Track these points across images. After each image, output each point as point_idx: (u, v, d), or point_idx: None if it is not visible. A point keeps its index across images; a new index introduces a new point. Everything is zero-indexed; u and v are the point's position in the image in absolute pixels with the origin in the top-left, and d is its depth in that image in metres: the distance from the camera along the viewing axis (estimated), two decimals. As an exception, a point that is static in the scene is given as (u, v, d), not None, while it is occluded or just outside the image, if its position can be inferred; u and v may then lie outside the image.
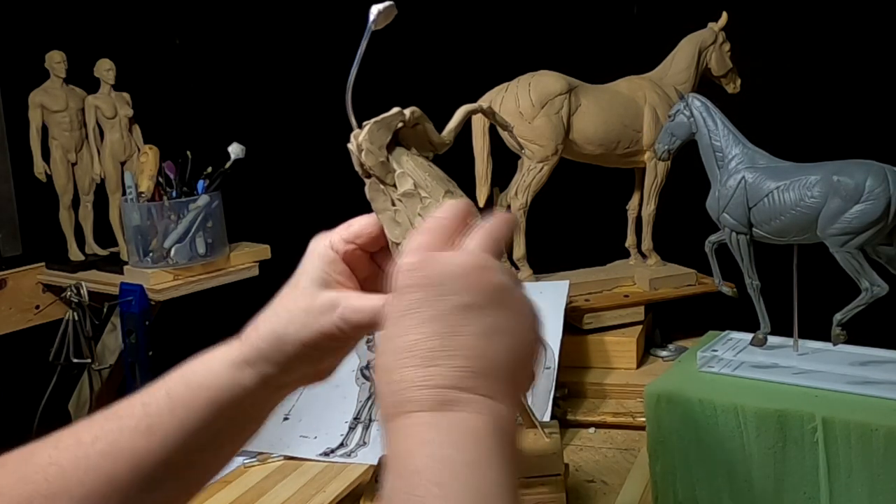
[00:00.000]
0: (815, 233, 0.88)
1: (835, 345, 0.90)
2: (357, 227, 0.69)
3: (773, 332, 0.95)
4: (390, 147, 0.73)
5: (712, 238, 0.98)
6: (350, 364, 1.25)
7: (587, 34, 1.87)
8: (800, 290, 0.92)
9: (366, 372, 1.19)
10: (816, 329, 0.94)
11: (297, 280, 0.67)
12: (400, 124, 0.73)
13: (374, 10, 0.75)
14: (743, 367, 0.91)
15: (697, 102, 0.99)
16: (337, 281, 0.66)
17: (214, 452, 0.65)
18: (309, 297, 0.65)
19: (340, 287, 0.66)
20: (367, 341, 0.82)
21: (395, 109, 0.72)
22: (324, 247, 0.67)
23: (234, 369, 0.64)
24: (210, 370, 0.64)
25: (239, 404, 0.64)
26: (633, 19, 1.84)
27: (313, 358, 0.66)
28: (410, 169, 0.73)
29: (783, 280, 0.96)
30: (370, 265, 0.70)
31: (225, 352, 0.65)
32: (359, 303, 0.64)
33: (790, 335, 0.94)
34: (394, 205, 0.70)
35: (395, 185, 0.70)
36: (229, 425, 0.65)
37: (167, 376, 0.65)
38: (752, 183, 0.91)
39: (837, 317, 0.88)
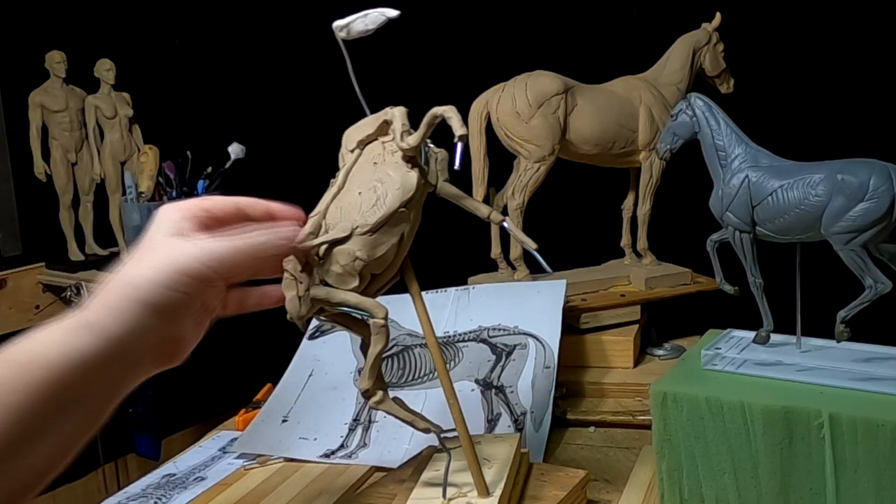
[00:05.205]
0: (818, 231, 0.88)
1: (838, 342, 0.90)
2: (212, 200, 0.71)
3: (775, 330, 0.95)
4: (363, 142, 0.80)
5: (714, 237, 0.98)
6: (349, 365, 1.25)
7: (588, 35, 1.88)
8: (802, 287, 0.93)
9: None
10: (817, 327, 0.94)
11: (148, 239, 0.66)
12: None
13: (336, 25, 0.77)
14: (747, 364, 0.91)
15: (700, 102, 1.00)
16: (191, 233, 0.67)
17: (54, 436, 0.58)
18: (164, 243, 0.65)
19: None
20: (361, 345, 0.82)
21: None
22: (175, 209, 0.68)
23: (69, 335, 0.59)
24: (40, 341, 0.58)
25: (80, 378, 0.58)
26: (633, 20, 1.84)
27: (165, 314, 0.63)
28: (349, 163, 0.78)
29: (783, 278, 0.96)
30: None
31: (61, 320, 0.60)
32: (212, 242, 0.66)
33: (791, 333, 0.94)
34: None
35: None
36: (69, 404, 0.58)
37: None
38: (756, 182, 0.92)
39: (841, 314, 0.89)
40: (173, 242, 0.65)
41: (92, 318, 0.60)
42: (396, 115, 0.76)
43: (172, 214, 0.68)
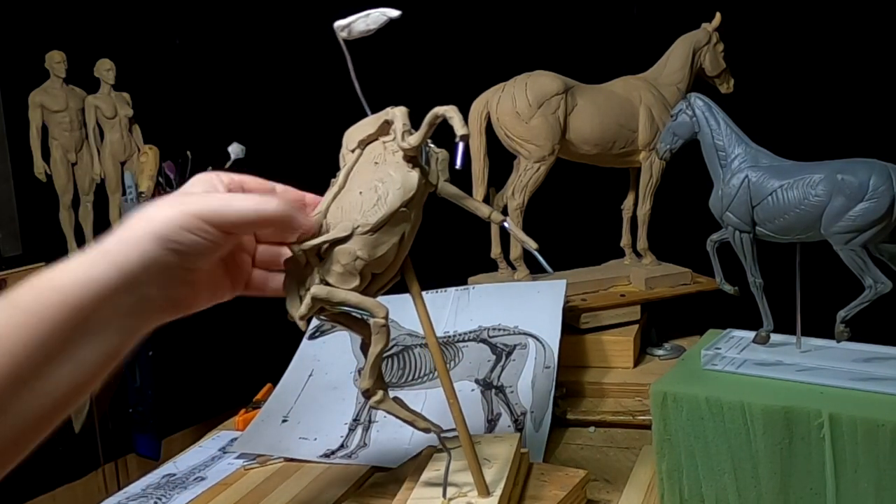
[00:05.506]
0: (818, 231, 0.88)
1: (838, 342, 0.90)
2: (248, 176, 0.76)
3: (775, 330, 0.95)
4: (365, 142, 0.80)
5: (714, 237, 0.98)
6: (349, 365, 1.25)
7: (588, 35, 1.88)
8: (802, 287, 0.93)
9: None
10: (817, 327, 0.94)
11: (178, 192, 0.70)
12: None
13: (337, 25, 0.77)
14: (747, 364, 0.91)
15: (700, 102, 1.00)
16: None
17: (72, 365, 0.61)
18: (191, 194, 0.69)
19: None
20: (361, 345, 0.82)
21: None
22: (210, 173, 0.73)
23: (86, 263, 0.62)
24: (61, 270, 0.62)
25: (94, 305, 0.61)
26: (633, 20, 1.85)
27: (179, 252, 0.65)
28: (350, 163, 0.78)
29: (783, 278, 0.96)
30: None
31: (84, 252, 0.64)
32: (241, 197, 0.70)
33: (792, 333, 0.94)
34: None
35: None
36: (85, 331, 0.61)
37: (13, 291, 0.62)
38: (756, 182, 0.92)
39: (841, 314, 0.89)
40: (200, 193, 0.70)
41: (108, 247, 0.64)
42: (397, 114, 0.76)
43: (206, 176, 0.72)
